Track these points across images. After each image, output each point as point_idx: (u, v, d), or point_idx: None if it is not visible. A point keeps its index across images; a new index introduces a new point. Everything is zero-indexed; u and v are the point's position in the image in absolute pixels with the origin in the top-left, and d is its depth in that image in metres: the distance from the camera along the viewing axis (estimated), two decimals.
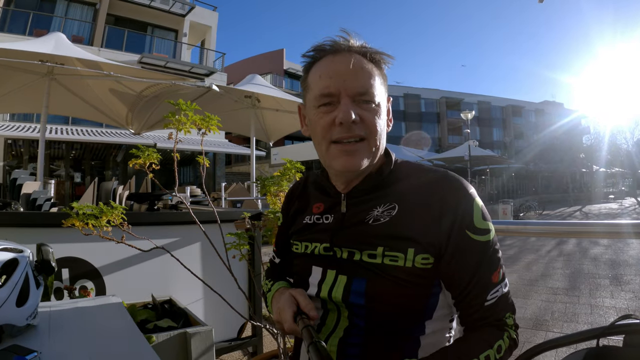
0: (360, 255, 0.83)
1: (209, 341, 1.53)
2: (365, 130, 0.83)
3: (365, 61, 0.84)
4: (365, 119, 0.83)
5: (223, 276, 1.97)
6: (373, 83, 0.84)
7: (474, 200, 0.82)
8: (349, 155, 0.83)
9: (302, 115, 0.98)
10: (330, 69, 0.84)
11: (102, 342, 1.08)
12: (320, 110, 0.85)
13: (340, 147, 0.83)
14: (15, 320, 0.98)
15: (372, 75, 0.84)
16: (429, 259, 0.79)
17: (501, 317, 0.80)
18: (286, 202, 1.08)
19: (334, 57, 0.84)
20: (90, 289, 1.95)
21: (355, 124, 0.81)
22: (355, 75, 0.82)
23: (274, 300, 0.94)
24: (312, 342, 0.71)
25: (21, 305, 0.99)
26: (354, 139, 0.83)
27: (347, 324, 0.84)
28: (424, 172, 0.88)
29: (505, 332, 0.79)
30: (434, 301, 0.83)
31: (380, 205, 0.86)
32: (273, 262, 1.12)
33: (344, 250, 0.86)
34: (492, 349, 0.75)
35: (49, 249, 1.07)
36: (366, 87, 0.83)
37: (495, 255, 0.81)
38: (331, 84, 0.82)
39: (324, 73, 0.84)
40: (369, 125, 0.83)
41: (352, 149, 0.83)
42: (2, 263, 0.96)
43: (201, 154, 1.80)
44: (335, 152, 0.84)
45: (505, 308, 0.81)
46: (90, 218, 1.52)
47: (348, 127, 0.81)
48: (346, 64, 0.82)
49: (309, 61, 0.89)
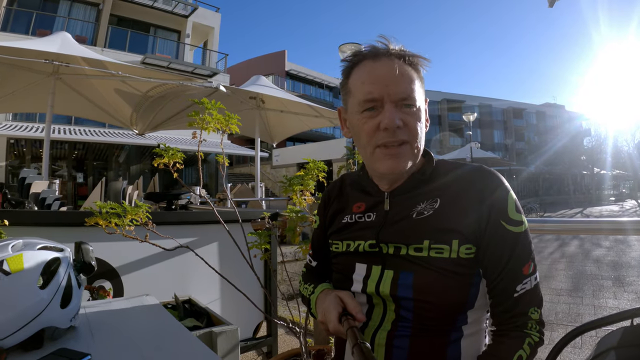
0: (406, 249, 0.85)
1: (235, 340, 1.53)
2: (408, 134, 0.86)
3: (405, 65, 0.87)
4: (408, 124, 0.85)
5: (240, 275, 1.97)
6: (414, 87, 0.86)
7: (508, 192, 0.85)
8: (394, 159, 0.86)
9: (343, 118, 1.00)
10: (373, 75, 0.86)
11: (152, 342, 1.06)
12: (364, 115, 0.87)
13: (386, 152, 0.86)
14: (59, 322, 0.96)
15: (412, 79, 0.87)
16: (471, 249, 0.83)
17: (526, 311, 0.83)
18: (323, 204, 1.10)
19: (374, 62, 0.87)
20: (109, 289, 1.94)
21: (400, 128, 0.84)
22: (397, 80, 0.84)
23: (319, 301, 0.94)
24: (357, 344, 0.71)
25: (65, 307, 0.97)
26: (397, 143, 0.85)
27: (394, 317, 0.86)
28: (461, 167, 0.91)
29: (527, 339, 0.81)
30: (476, 290, 0.86)
31: (423, 202, 0.88)
32: (309, 266, 1.13)
33: (390, 245, 0.87)
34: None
35: (89, 248, 1.05)
36: (408, 92, 0.85)
37: (527, 247, 0.85)
38: (374, 89, 0.84)
39: (367, 79, 0.86)
40: (411, 130, 0.86)
41: (397, 152, 0.86)
42: (44, 263, 0.94)
43: (203, 155, 1.78)
44: (380, 155, 0.87)
45: (531, 302, 0.84)
46: (114, 217, 1.52)
47: (392, 132, 0.84)
48: (388, 69, 0.85)
49: (348, 65, 0.92)
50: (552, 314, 4.09)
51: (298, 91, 31.47)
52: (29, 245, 0.97)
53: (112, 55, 14.20)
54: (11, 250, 0.94)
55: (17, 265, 0.90)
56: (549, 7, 3.10)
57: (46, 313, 0.92)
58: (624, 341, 0.85)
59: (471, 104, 42.85)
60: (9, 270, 0.90)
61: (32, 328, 0.91)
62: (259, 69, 26.20)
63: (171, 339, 1.07)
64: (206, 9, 20.71)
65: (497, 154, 37.78)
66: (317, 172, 1.75)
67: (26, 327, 0.90)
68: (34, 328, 0.91)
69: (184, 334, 1.08)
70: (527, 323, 0.83)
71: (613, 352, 0.83)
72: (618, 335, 0.87)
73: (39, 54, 4.92)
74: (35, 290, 0.92)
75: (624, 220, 1.62)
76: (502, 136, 46.80)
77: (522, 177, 34.05)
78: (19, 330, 0.89)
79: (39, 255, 0.96)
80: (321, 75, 35.28)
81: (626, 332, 0.87)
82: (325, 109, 8.04)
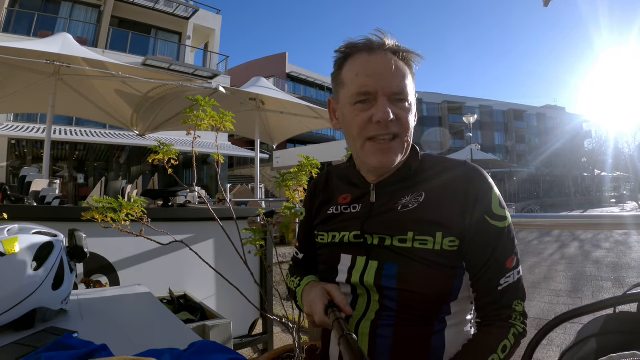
0: (391, 240, 0.87)
1: (227, 334, 1.54)
2: (400, 128, 0.87)
3: (399, 61, 0.88)
4: (401, 118, 0.87)
5: (235, 272, 1.98)
6: (407, 83, 0.88)
7: (492, 188, 0.88)
8: (384, 153, 0.88)
9: (332, 109, 1.00)
10: (368, 67, 0.86)
11: (138, 324, 1.09)
12: (356, 107, 0.88)
13: (377, 146, 0.87)
14: (50, 304, 0.99)
15: (405, 75, 0.88)
16: (455, 242, 0.84)
17: (510, 303, 0.85)
18: (309, 196, 1.11)
19: (370, 55, 0.87)
20: (105, 284, 1.97)
21: (392, 122, 0.85)
22: (392, 75, 0.86)
23: (305, 293, 0.96)
24: (343, 335, 0.71)
25: (57, 289, 0.99)
26: (388, 137, 0.87)
27: (378, 307, 0.87)
28: (447, 162, 0.93)
29: (512, 329, 0.83)
30: (459, 282, 0.87)
31: (409, 195, 0.90)
32: (296, 258, 1.14)
33: (375, 236, 0.89)
34: (496, 354, 0.80)
35: (82, 235, 1.08)
36: (402, 87, 0.86)
37: (511, 242, 0.87)
38: (369, 83, 0.85)
39: (361, 71, 0.86)
40: (403, 124, 0.87)
41: (387, 147, 0.87)
42: (38, 246, 0.96)
43: (203, 156, 1.80)
44: (371, 149, 0.88)
45: (515, 295, 0.86)
46: (110, 211, 1.54)
47: (385, 125, 0.85)
48: (383, 63, 0.86)
49: (341, 56, 0.91)
50: (552, 314, 4.09)
51: (299, 93, 31.50)
52: (24, 230, 1.01)
53: (113, 56, 14.23)
54: (7, 233, 0.97)
55: (12, 247, 0.93)
56: (544, 6, 3.11)
57: (38, 294, 0.95)
58: (605, 329, 0.86)
59: (472, 106, 42.81)
60: (4, 252, 0.93)
61: (24, 308, 0.94)
62: (260, 71, 26.23)
63: (156, 322, 1.10)
64: (207, 11, 20.76)
65: (497, 155, 37.67)
66: (311, 168, 1.78)
67: (18, 306, 0.93)
68: (26, 308, 0.94)
69: (169, 318, 1.10)
70: (512, 315, 0.85)
71: (594, 339, 0.85)
72: (600, 323, 0.89)
73: (41, 55, 4.94)
74: (28, 272, 0.95)
75: (624, 215, 1.64)
76: (503, 138, 46.74)
77: (522, 179, 34.04)
78: (10, 309, 0.92)
79: (33, 238, 0.99)
80: (322, 77, 35.30)
81: (608, 319, 0.89)
82: (326, 110, 7.99)
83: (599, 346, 0.83)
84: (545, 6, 2.98)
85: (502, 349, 0.81)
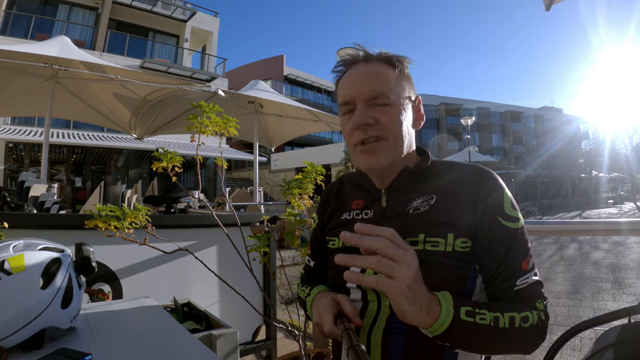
0: None
1: (234, 343, 1.53)
2: (382, 131, 0.88)
3: (381, 66, 0.91)
4: (381, 121, 0.88)
5: (239, 279, 1.97)
6: (388, 86, 0.89)
7: (504, 190, 0.88)
8: (368, 154, 0.90)
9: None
10: (348, 80, 0.92)
11: (152, 343, 1.06)
12: (344, 117, 0.93)
13: (362, 148, 0.90)
14: (59, 323, 0.96)
15: (386, 78, 0.89)
16: (467, 242, 0.84)
17: (530, 300, 0.82)
18: (321, 203, 1.12)
19: (350, 69, 0.93)
20: (108, 292, 1.94)
21: (370, 125, 0.88)
22: (367, 81, 0.89)
23: (314, 303, 0.95)
24: (352, 346, 0.70)
25: (66, 307, 0.97)
26: (372, 139, 0.89)
27: (389, 313, 0.85)
28: (458, 166, 0.94)
29: (535, 311, 0.80)
30: (472, 285, 0.86)
31: (419, 197, 0.90)
32: (308, 265, 1.13)
33: None
34: (517, 313, 0.77)
35: (89, 249, 1.04)
36: (379, 91, 0.88)
37: (525, 244, 0.86)
38: (347, 92, 0.91)
39: (343, 84, 0.93)
40: (384, 126, 0.88)
41: (370, 148, 0.89)
42: (45, 263, 0.94)
43: (202, 159, 1.77)
44: (358, 152, 0.92)
45: (535, 295, 0.83)
46: (113, 220, 1.52)
47: (363, 129, 0.88)
48: (359, 72, 0.91)
49: (337, 77, 0.97)
50: (552, 316, 4.10)
51: (296, 96, 31.55)
52: (30, 246, 0.98)
53: (111, 59, 14.22)
54: (12, 250, 0.94)
55: (18, 265, 0.91)
56: (545, 10, 3.11)
57: (47, 313, 0.92)
58: (622, 338, 0.86)
59: (469, 108, 42.96)
60: (10, 270, 0.90)
61: (33, 328, 0.91)
62: (258, 74, 26.22)
63: (172, 340, 1.07)
64: (205, 13, 20.77)
65: (495, 157, 37.83)
66: (315, 175, 1.76)
67: (27, 327, 0.90)
68: (35, 328, 0.91)
69: (185, 335, 1.08)
70: (535, 305, 0.82)
71: (611, 349, 0.84)
72: (616, 333, 0.88)
73: (38, 58, 4.92)
74: (36, 291, 0.92)
75: (619, 221, 1.64)
76: (500, 140, 46.87)
77: (520, 181, 34.12)
78: (19, 330, 0.89)
79: (40, 255, 0.96)
80: (319, 79, 35.36)
81: (624, 329, 0.89)
82: (324, 113, 8.04)
83: (615, 356, 0.83)
84: (547, 10, 2.98)
85: (524, 318, 0.77)
